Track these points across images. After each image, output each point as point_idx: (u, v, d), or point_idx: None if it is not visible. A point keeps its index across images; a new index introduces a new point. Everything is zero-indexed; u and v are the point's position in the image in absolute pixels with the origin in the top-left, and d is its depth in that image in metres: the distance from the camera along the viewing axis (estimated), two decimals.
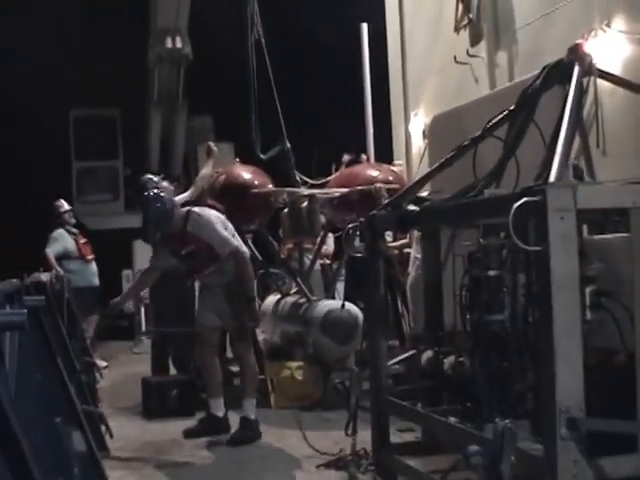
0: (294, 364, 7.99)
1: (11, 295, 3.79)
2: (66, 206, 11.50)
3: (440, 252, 5.06)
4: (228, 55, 16.13)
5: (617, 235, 4.03)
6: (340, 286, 9.72)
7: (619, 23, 7.13)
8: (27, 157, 17.02)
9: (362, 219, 5.41)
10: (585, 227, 4.41)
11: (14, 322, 2.89)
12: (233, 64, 16.33)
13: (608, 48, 7.03)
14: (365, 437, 5.45)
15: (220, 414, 6.80)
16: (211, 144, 9.08)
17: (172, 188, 9.30)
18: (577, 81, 4.26)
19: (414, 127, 11.46)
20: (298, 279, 8.51)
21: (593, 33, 7.32)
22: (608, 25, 7.23)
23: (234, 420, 7.08)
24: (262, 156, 9.14)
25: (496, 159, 4.56)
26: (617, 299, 3.78)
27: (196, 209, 6.84)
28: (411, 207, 4.94)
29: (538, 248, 3.47)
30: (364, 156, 9.96)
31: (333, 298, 8.76)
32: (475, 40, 9.86)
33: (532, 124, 4.49)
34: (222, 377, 7.03)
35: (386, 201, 7.33)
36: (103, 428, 6.45)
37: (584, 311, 3.77)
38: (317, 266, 10.00)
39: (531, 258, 3.89)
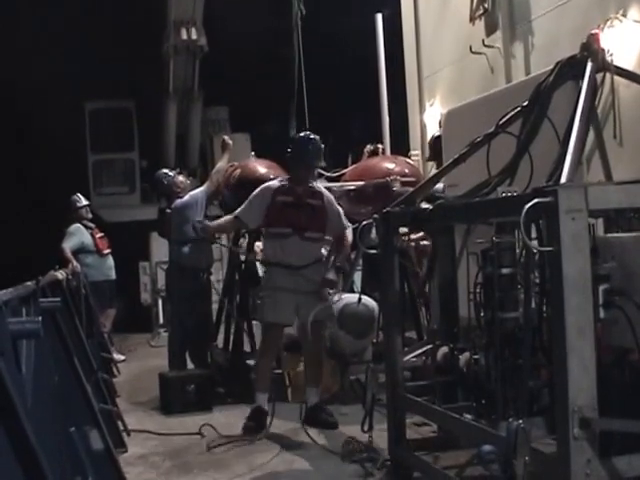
0: None
1: (27, 298, 3.83)
2: (83, 201, 11.53)
3: (454, 249, 5.07)
4: (244, 46, 16.19)
5: (631, 234, 4.02)
6: (358, 277, 9.71)
7: (635, 13, 7.07)
8: (43, 150, 17.08)
9: (376, 215, 5.44)
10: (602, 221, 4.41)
11: (29, 330, 2.94)
12: (248, 55, 16.42)
13: (624, 38, 6.98)
14: (381, 432, 5.48)
15: (266, 408, 6.75)
16: (226, 138, 9.12)
17: (188, 182, 9.39)
18: (590, 78, 4.25)
19: (430, 117, 11.42)
20: None
21: (609, 23, 7.26)
22: (624, 15, 7.17)
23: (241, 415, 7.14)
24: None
25: (511, 154, 4.55)
26: (631, 297, 3.77)
27: None
28: (425, 204, 4.95)
29: (550, 249, 3.48)
30: (380, 146, 9.96)
31: (351, 289, 8.77)
32: (490, 30, 9.81)
33: (546, 120, 4.48)
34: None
35: (397, 191, 7.43)
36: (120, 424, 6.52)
37: (597, 310, 3.77)
38: None
39: (544, 257, 3.89)
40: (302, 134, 7.13)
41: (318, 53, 16.04)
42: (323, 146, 7.00)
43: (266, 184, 7.05)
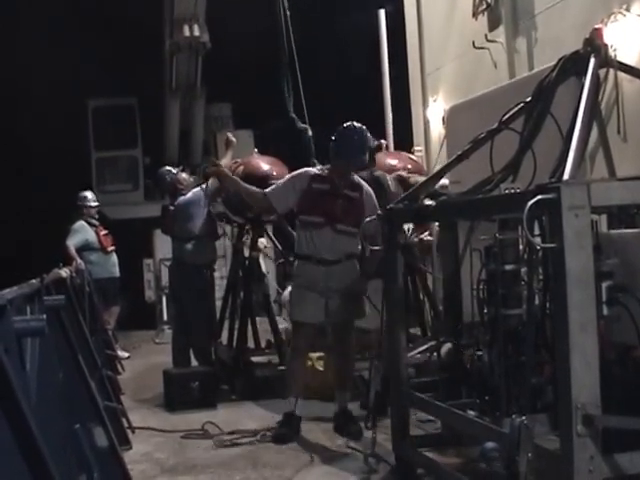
0: (315, 355, 7.98)
1: (31, 296, 3.84)
2: (94, 202, 11.54)
3: (458, 245, 5.07)
4: (246, 42, 16.17)
5: (634, 230, 4.02)
6: None
7: (639, 7, 7.05)
8: (46, 148, 17.10)
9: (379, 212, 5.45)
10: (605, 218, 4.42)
11: (33, 328, 2.95)
12: (251, 51, 16.40)
13: (627, 33, 6.96)
14: (385, 429, 5.50)
15: (298, 412, 6.52)
16: (229, 135, 9.11)
17: (191, 180, 9.39)
18: (593, 74, 4.24)
19: (434, 113, 11.41)
20: None
21: (612, 18, 7.23)
22: (627, 9, 7.15)
23: (258, 414, 7.15)
24: (293, 115, 9.10)
25: (514, 150, 4.55)
26: (634, 294, 3.77)
27: None
28: (427, 201, 4.95)
29: (552, 245, 3.48)
30: (383, 141, 9.96)
31: None
32: (493, 25, 9.80)
33: (549, 116, 4.48)
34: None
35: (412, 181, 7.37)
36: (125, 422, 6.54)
37: (600, 306, 3.77)
38: None
39: (547, 253, 3.90)
40: (347, 124, 6.59)
41: (320, 49, 16.08)
42: (370, 137, 6.61)
43: (304, 169, 6.70)
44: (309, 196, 6.48)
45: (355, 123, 6.58)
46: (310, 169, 6.72)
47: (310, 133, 9.06)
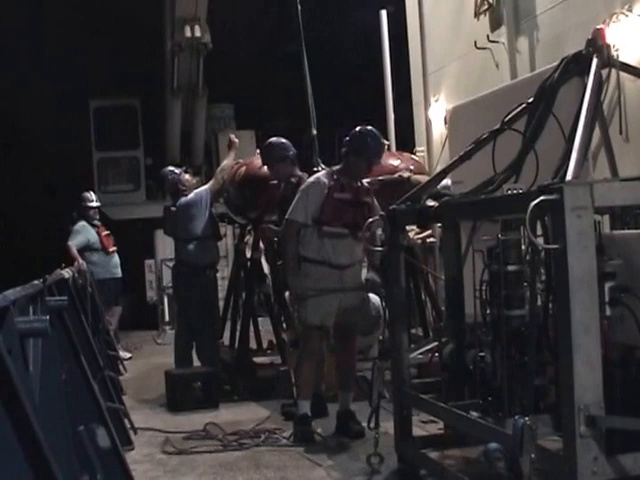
0: None
1: (34, 297, 3.84)
2: (95, 202, 11.55)
3: (460, 246, 5.07)
4: (249, 43, 16.20)
5: (636, 231, 4.01)
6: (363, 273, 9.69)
7: None
8: (48, 148, 17.11)
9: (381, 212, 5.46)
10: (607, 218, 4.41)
11: (36, 329, 2.95)
12: (253, 51, 16.43)
13: (630, 33, 6.96)
14: (388, 429, 5.49)
15: (309, 413, 6.47)
16: (232, 136, 9.13)
17: (194, 181, 9.40)
18: (595, 74, 4.24)
19: (435, 113, 11.40)
20: None
21: (614, 18, 7.23)
22: (630, 10, 7.15)
23: (260, 414, 7.15)
24: (311, 101, 9.08)
25: (516, 151, 4.55)
26: (636, 295, 3.77)
27: None
28: (430, 202, 4.96)
29: (555, 246, 3.48)
30: (385, 142, 9.94)
31: None
32: (495, 25, 9.80)
33: (551, 117, 4.48)
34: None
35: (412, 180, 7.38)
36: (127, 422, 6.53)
37: (603, 307, 3.77)
38: None
39: (550, 254, 3.89)
40: (361, 127, 6.56)
41: (323, 49, 16.07)
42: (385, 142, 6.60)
43: (315, 179, 6.55)
44: (332, 207, 6.40)
45: (369, 127, 6.57)
46: (322, 178, 6.52)
47: (314, 132, 9.05)
